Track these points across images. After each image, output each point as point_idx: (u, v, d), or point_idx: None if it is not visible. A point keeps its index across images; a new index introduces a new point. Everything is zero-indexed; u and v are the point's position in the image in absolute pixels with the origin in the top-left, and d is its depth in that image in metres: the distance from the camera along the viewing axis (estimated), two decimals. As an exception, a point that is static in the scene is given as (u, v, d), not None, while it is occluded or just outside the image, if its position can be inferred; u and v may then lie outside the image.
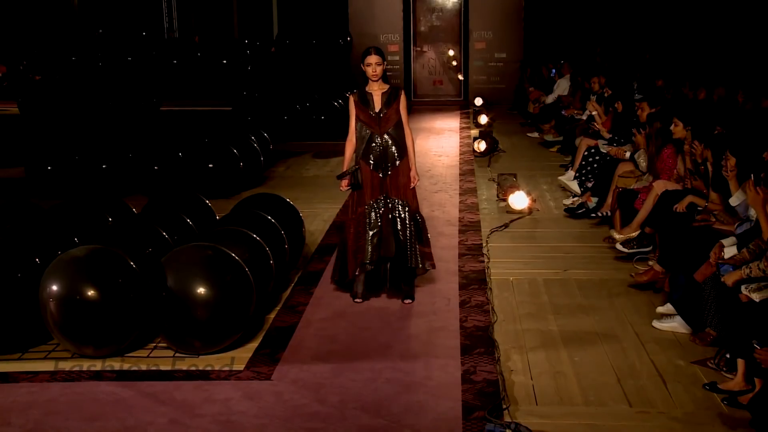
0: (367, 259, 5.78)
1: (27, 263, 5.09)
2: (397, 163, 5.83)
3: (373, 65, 5.76)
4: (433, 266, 6.03)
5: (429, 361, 4.89)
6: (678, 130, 6.80)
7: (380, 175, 5.82)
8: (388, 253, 5.80)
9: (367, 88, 5.87)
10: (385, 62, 5.87)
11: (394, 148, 5.82)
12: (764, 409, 3.97)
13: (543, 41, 17.94)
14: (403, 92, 5.92)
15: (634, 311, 5.66)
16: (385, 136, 5.81)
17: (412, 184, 5.88)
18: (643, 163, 7.51)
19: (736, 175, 5.43)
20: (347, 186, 5.86)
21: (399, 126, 5.85)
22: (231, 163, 9.50)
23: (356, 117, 5.84)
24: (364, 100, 5.82)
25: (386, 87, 5.86)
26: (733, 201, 5.48)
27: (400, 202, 5.84)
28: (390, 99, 5.82)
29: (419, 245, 5.87)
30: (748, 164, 5.27)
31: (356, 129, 5.86)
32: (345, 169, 5.89)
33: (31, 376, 4.76)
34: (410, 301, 5.88)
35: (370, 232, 5.78)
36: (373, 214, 5.80)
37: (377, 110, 5.80)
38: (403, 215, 5.82)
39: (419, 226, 5.91)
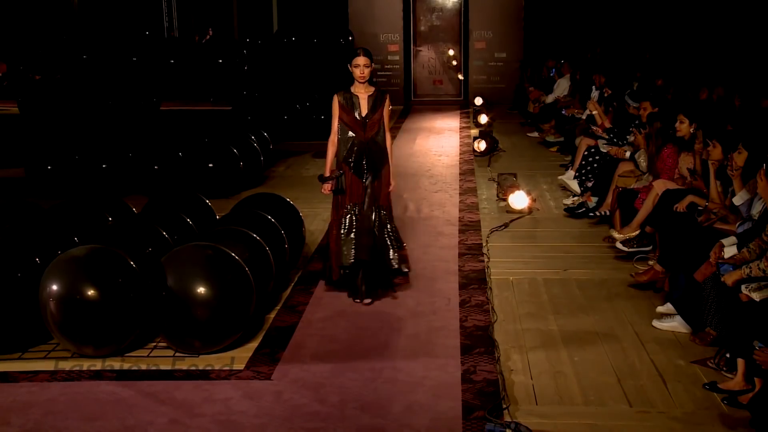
0: (346, 262, 5.77)
1: (27, 263, 5.09)
2: (380, 168, 5.79)
3: (361, 66, 5.67)
4: (409, 268, 6.05)
5: (429, 361, 4.89)
6: (683, 127, 6.79)
7: (361, 180, 5.75)
8: (365, 256, 5.73)
9: (353, 90, 5.77)
10: (373, 64, 5.79)
11: (376, 153, 5.76)
12: (764, 409, 3.97)
13: (543, 41, 17.93)
14: (388, 96, 5.85)
15: (634, 311, 5.66)
16: (369, 141, 5.74)
17: (388, 189, 5.86)
18: (643, 163, 7.51)
19: (740, 174, 5.42)
20: (330, 190, 5.81)
21: (382, 131, 5.80)
22: (231, 162, 9.50)
23: (339, 118, 5.76)
24: (350, 102, 5.73)
25: (372, 90, 5.77)
26: (737, 200, 5.47)
27: (378, 207, 5.81)
28: (376, 103, 5.73)
29: (398, 250, 5.87)
30: (756, 161, 5.24)
31: (338, 131, 5.79)
32: (328, 172, 5.83)
33: (31, 375, 4.76)
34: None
35: (349, 236, 5.75)
36: (351, 218, 5.77)
37: (363, 114, 5.72)
38: (381, 220, 5.81)
39: (396, 231, 5.92)
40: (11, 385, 4.67)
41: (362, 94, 5.74)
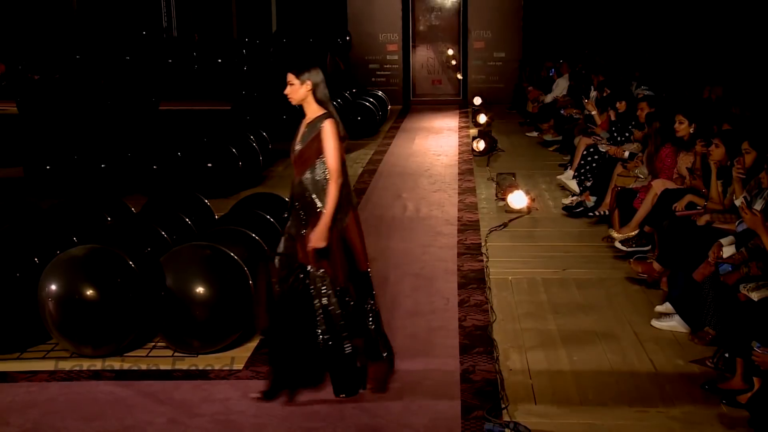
0: (264, 328, 4.52)
1: (26, 263, 5.09)
2: (307, 219, 4.33)
3: (287, 85, 4.39)
4: (389, 356, 4.55)
5: (428, 361, 4.89)
6: (683, 128, 6.79)
7: (292, 231, 4.39)
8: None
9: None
10: (309, 82, 4.34)
11: (312, 196, 4.31)
12: (763, 409, 3.97)
13: (542, 41, 17.94)
14: (328, 122, 4.29)
15: (633, 310, 5.66)
16: (302, 181, 4.35)
17: (308, 246, 4.26)
18: (644, 170, 7.51)
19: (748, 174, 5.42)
20: None
21: (319, 170, 4.31)
22: (230, 162, 9.50)
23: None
24: (296, 132, 4.48)
25: (314, 116, 4.38)
26: (738, 202, 5.47)
27: (311, 272, 4.33)
28: (308, 132, 4.37)
29: (357, 332, 4.41)
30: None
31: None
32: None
33: (30, 375, 4.76)
34: (344, 395, 4.41)
35: (271, 301, 4.37)
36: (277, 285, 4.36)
37: (295, 147, 4.42)
38: (313, 292, 4.33)
39: (346, 305, 4.37)
40: (10, 385, 4.67)
41: (305, 120, 4.45)
